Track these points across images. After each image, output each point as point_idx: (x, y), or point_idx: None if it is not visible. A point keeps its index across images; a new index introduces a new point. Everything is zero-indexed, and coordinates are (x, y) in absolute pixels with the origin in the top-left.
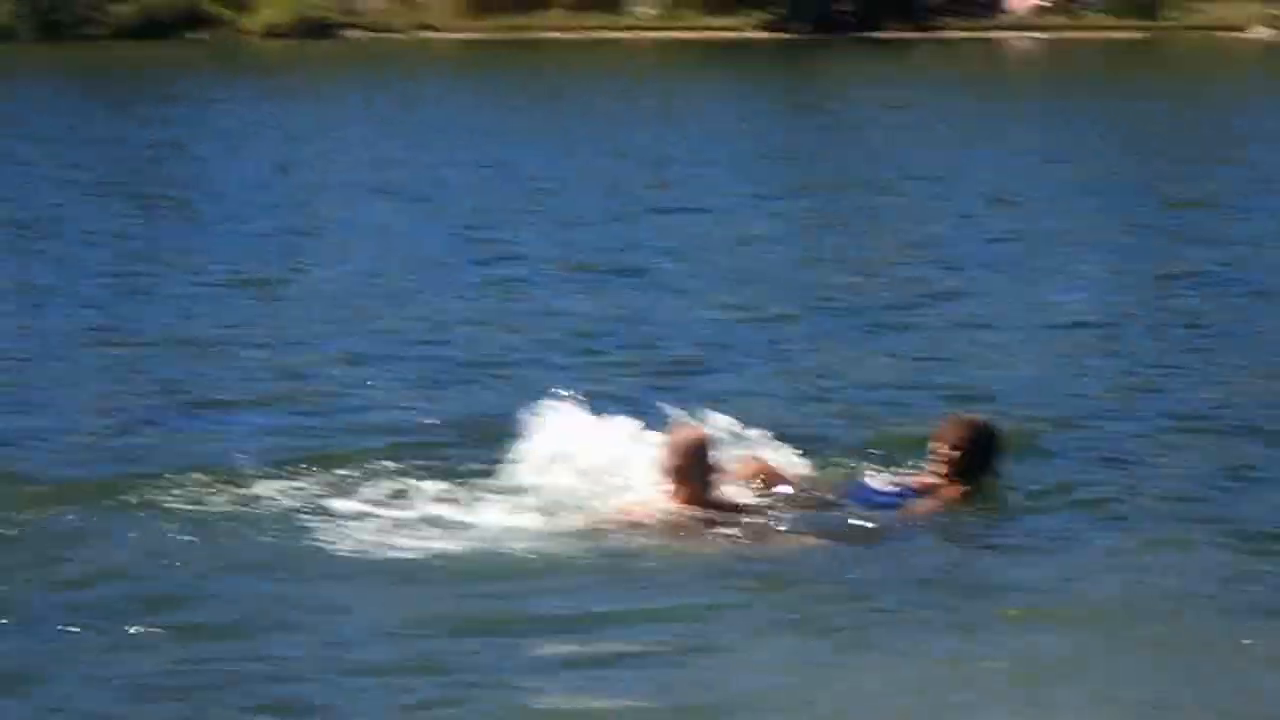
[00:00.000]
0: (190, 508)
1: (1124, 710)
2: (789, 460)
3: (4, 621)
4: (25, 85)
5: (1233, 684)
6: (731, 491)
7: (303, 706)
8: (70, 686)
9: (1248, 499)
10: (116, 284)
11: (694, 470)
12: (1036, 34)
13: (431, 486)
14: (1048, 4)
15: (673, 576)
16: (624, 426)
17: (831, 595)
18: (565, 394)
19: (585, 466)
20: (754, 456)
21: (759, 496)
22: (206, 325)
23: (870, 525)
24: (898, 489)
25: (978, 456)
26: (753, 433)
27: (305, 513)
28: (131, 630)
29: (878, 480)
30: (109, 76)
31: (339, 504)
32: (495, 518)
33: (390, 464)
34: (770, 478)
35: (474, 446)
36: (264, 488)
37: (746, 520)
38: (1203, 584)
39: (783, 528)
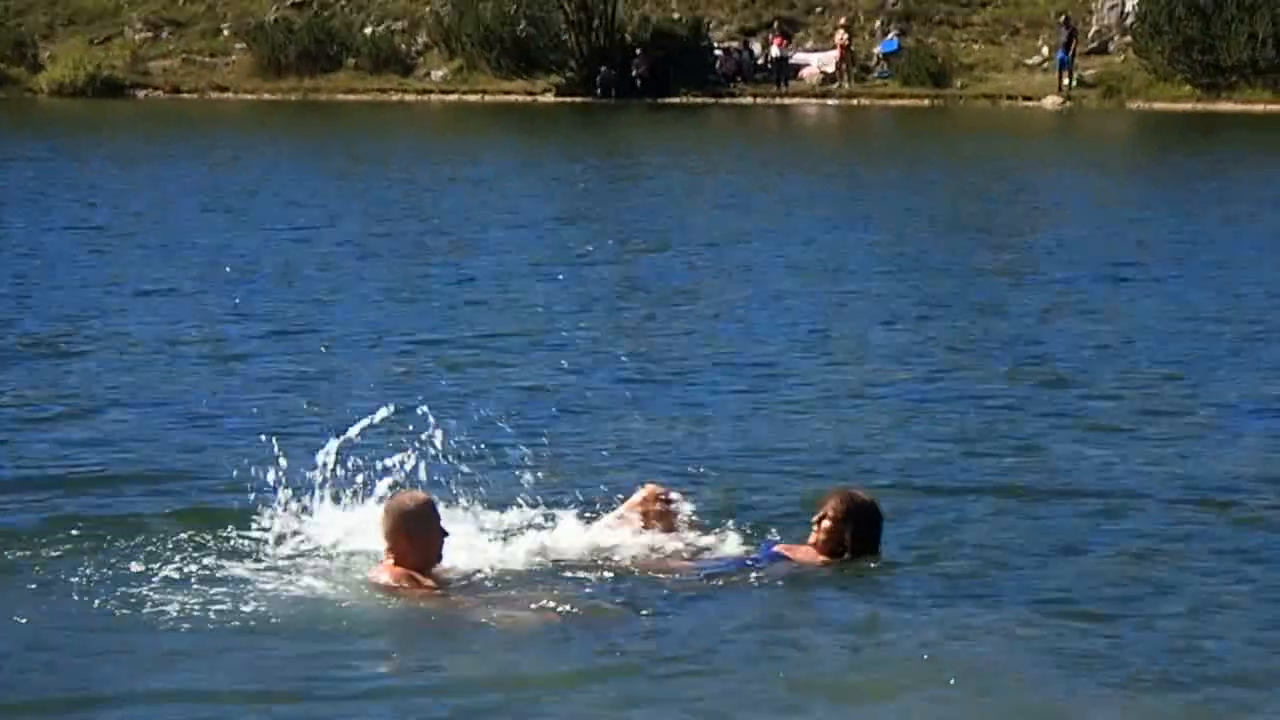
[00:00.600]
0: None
1: None
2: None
3: None
4: None
5: None
6: (464, 560)
7: None
8: None
9: (1060, 566)
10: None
11: (406, 536)
12: (828, 100)
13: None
14: (832, 73)
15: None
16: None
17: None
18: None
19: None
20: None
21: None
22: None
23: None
24: (754, 555)
25: (857, 531)
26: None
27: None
28: None
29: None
30: None
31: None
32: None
33: None
34: (658, 515)
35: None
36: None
37: (462, 587)
38: (1015, 655)
39: (518, 591)
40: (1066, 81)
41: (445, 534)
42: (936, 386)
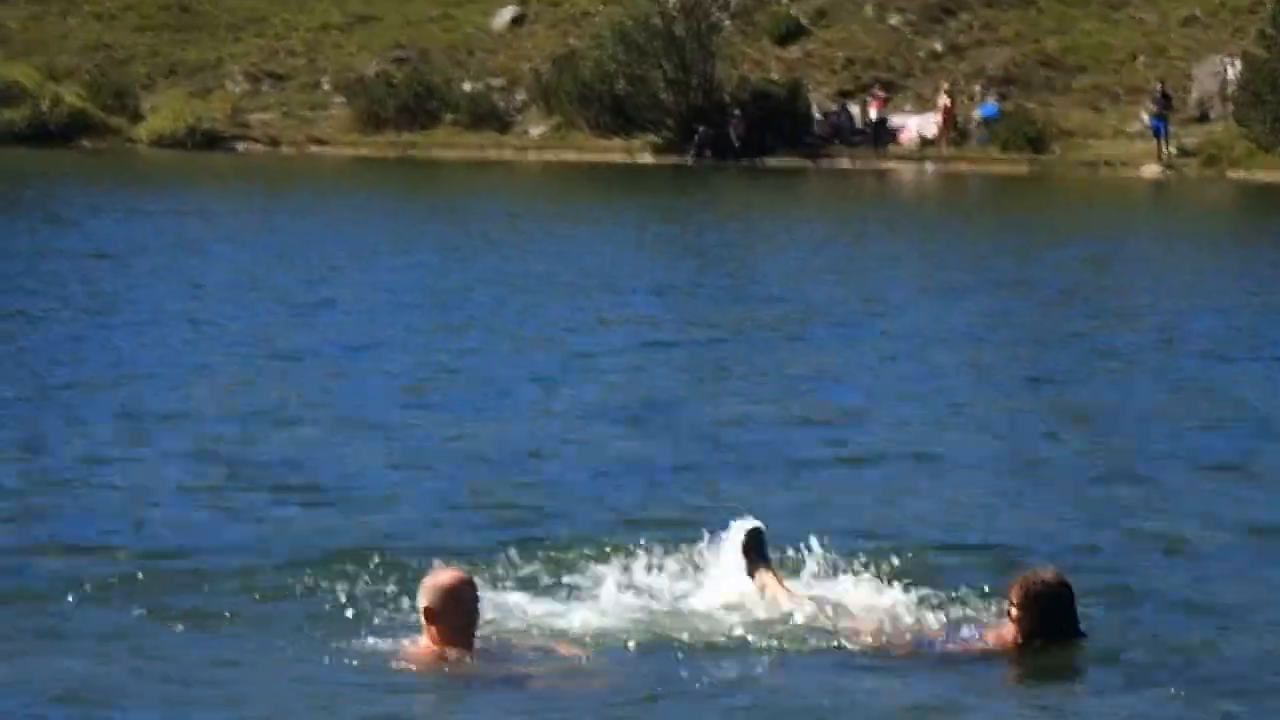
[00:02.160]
0: None
1: None
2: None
3: None
4: None
5: None
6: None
7: None
8: None
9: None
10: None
11: (445, 613)
12: (926, 165)
13: None
14: (932, 137)
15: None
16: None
17: None
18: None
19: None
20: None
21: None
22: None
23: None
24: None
25: (1044, 614)
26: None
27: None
28: None
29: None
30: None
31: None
32: None
33: None
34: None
35: None
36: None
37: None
38: None
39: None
40: (1165, 149)
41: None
42: (1048, 453)
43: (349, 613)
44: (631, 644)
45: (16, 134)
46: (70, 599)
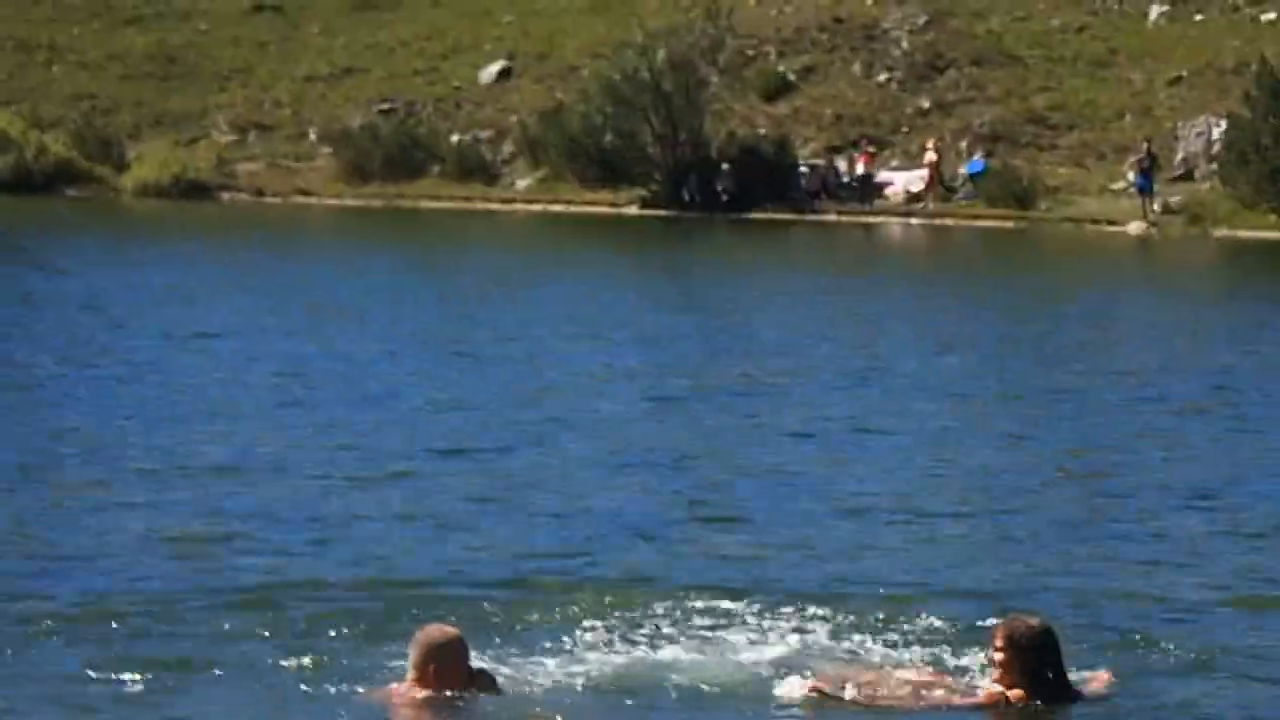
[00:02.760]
0: None
1: None
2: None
3: None
4: None
5: None
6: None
7: None
8: None
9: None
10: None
11: (431, 668)
12: (912, 220)
13: None
14: (918, 192)
15: None
16: None
17: None
18: None
19: None
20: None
21: None
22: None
23: None
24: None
25: (1031, 660)
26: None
27: None
28: None
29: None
30: None
31: None
32: None
33: None
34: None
35: None
36: None
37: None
38: None
39: None
40: (1151, 207)
41: (474, 671)
42: (1034, 505)
43: (341, 660)
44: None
45: (0, 182)
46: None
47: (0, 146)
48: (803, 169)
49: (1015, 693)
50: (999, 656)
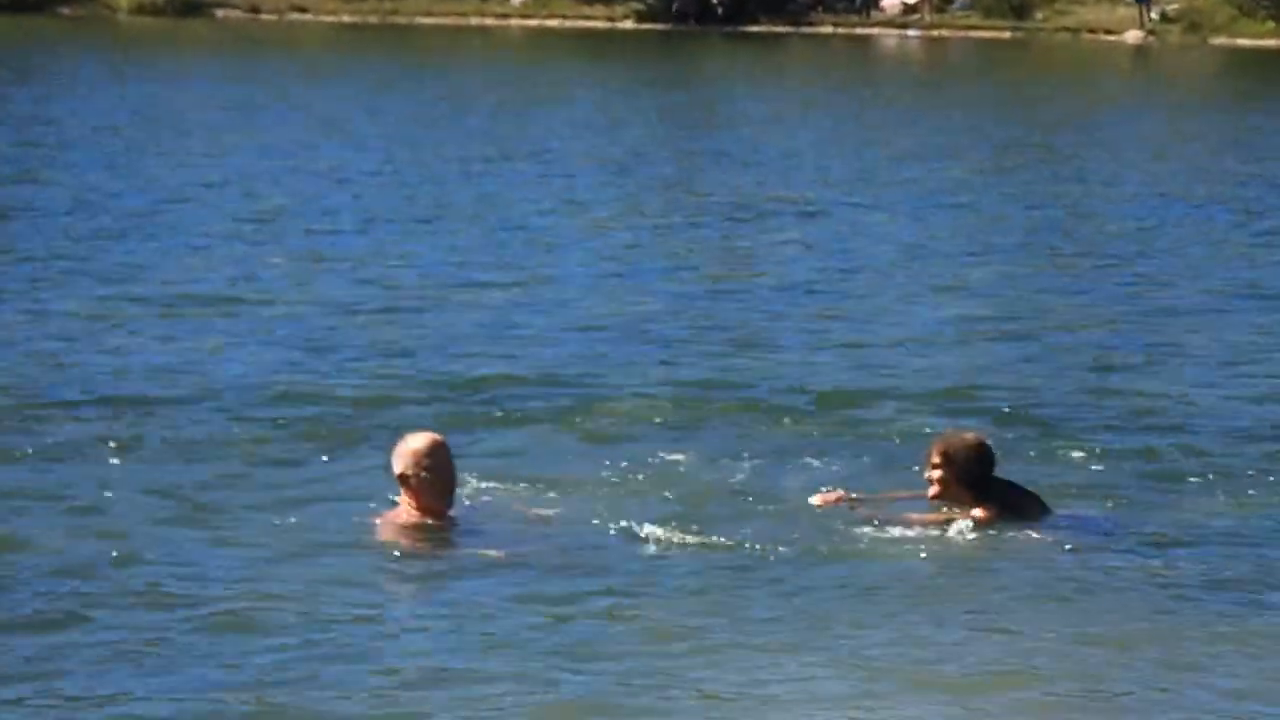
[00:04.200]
0: None
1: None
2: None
3: None
4: None
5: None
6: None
7: None
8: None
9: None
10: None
11: (419, 477)
12: (908, 32)
13: None
14: (914, 3)
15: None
16: None
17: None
18: None
19: None
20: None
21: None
22: None
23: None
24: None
25: (963, 472)
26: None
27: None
28: None
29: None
30: None
31: None
32: None
33: None
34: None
35: None
36: None
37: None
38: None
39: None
40: (1149, 15)
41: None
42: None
43: (333, 483)
44: (609, 519)
45: None
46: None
47: None
48: None
49: (980, 511)
50: (937, 474)
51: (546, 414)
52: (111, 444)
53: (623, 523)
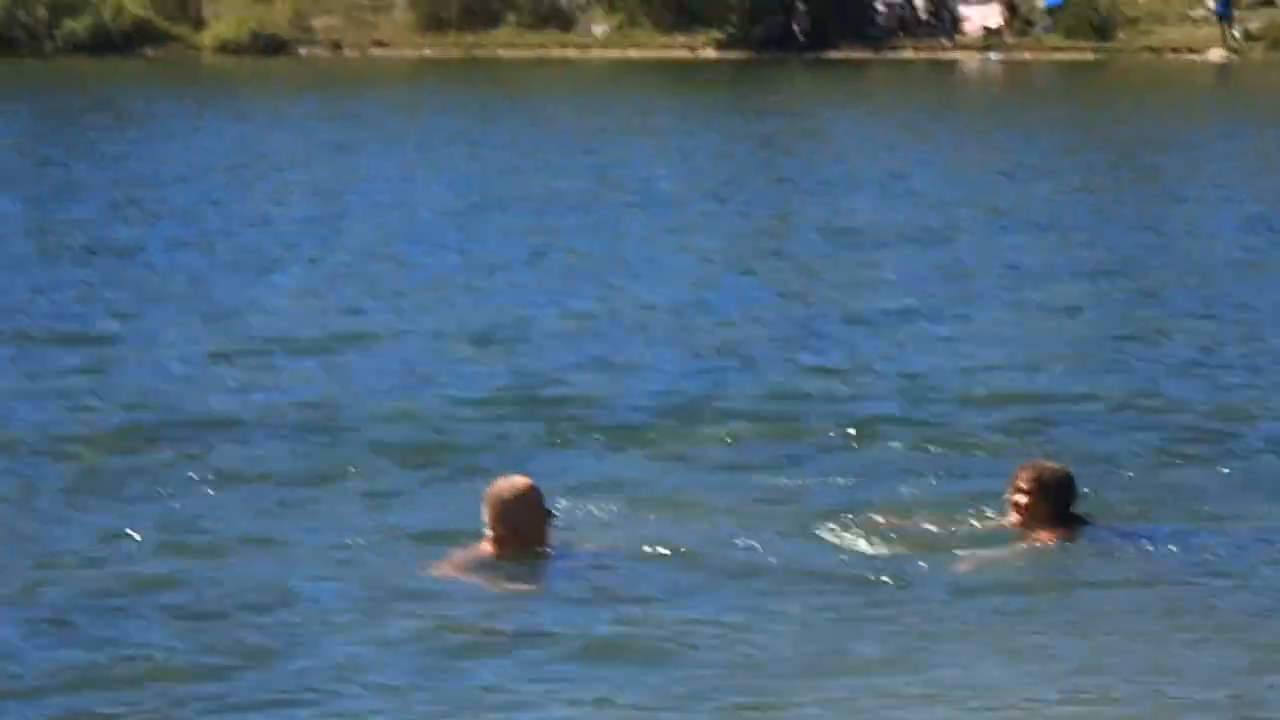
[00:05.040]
0: None
1: None
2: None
3: None
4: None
5: None
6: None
7: None
8: None
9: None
10: None
11: (507, 522)
12: (990, 55)
13: None
14: (996, 27)
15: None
16: None
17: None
18: None
19: None
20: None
21: None
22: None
23: None
24: None
25: (1050, 500)
26: None
27: None
28: None
29: None
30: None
31: None
32: None
33: None
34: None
35: None
36: None
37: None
38: None
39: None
40: (1231, 33)
41: (550, 515)
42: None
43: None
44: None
45: (78, 44)
46: None
47: (78, 7)
48: (879, 5)
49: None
50: (1023, 500)
51: (646, 435)
52: (216, 473)
53: (722, 544)
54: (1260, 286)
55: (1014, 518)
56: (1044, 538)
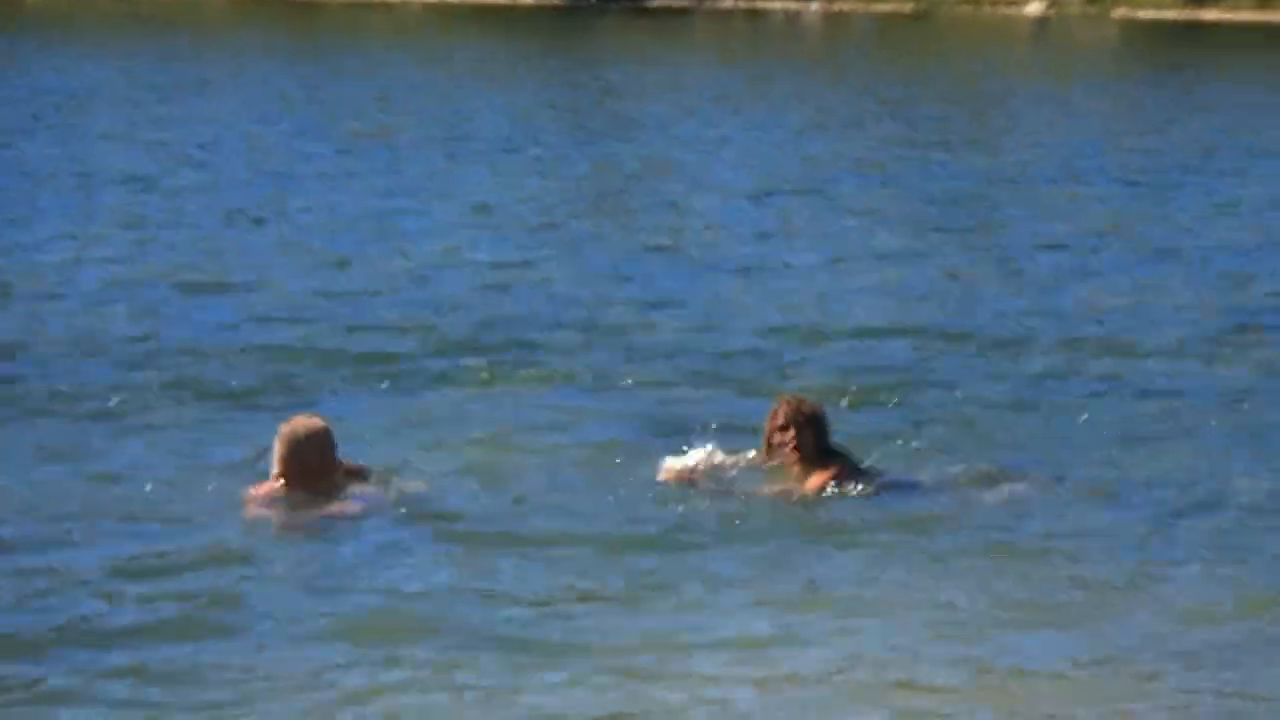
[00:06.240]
0: None
1: None
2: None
3: None
4: None
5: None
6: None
7: None
8: None
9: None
10: None
11: (295, 463)
12: (811, 5)
13: None
14: None
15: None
16: None
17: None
18: None
19: None
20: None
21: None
22: None
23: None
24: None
25: (812, 431)
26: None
27: None
28: None
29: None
30: None
31: None
32: None
33: None
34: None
35: None
36: None
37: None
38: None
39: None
40: None
41: (345, 466)
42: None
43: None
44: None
45: None
46: None
47: None
48: None
49: (822, 475)
50: (790, 436)
51: (452, 377)
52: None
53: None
54: (1081, 227)
55: (791, 456)
56: (813, 473)
